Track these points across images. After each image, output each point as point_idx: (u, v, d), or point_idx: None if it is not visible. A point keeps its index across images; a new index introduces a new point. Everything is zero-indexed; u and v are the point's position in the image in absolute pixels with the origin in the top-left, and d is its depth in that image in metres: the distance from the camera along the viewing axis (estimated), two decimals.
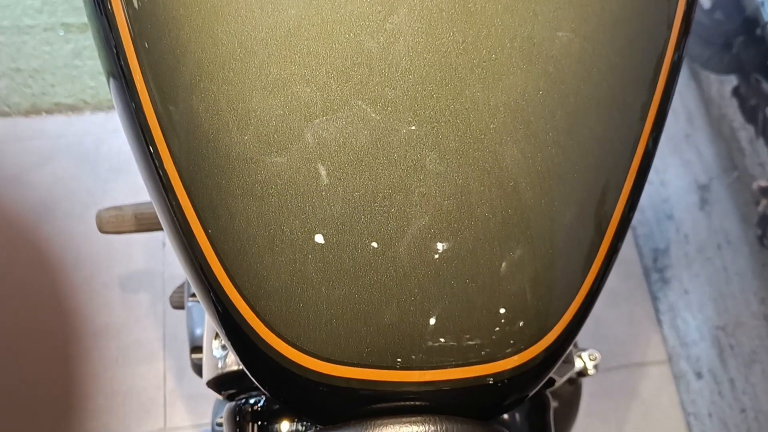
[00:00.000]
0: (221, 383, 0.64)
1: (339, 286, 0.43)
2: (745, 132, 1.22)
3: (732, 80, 1.25)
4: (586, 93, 0.44)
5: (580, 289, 0.46)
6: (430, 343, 0.44)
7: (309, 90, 0.42)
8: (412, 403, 0.46)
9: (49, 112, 1.75)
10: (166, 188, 0.45)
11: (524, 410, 0.63)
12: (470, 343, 0.44)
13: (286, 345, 0.44)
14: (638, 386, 1.47)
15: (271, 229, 0.43)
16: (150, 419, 1.42)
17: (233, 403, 0.64)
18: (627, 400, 1.45)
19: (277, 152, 0.43)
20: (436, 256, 0.43)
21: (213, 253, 0.44)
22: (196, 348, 0.87)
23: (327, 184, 0.42)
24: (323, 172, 0.42)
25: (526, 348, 0.45)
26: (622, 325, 1.52)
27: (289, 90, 0.42)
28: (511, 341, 0.45)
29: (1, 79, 1.77)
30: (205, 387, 1.42)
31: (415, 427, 0.45)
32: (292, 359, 0.44)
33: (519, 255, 0.44)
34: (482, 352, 0.44)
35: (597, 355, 0.87)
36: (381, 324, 0.43)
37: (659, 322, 1.52)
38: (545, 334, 0.45)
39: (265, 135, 0.43)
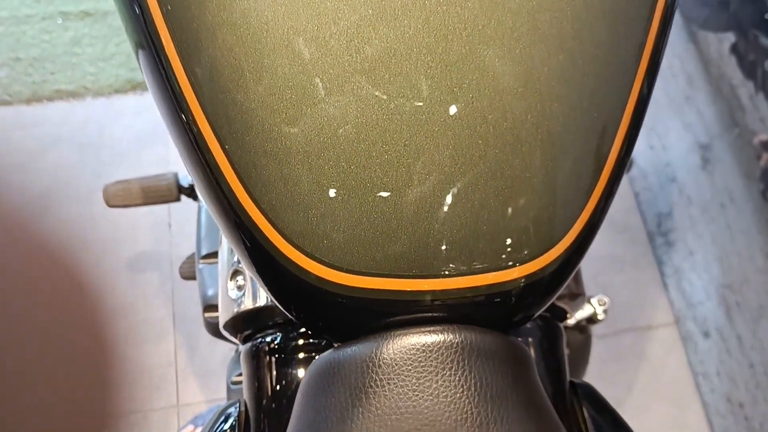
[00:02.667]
0: (238, 324, 0.65)
1: (356, 196, 0.44)
2: (744, 89, 1.23)
3: (730, 38, 1.25)
4: (584, 32, 0.45)
5: (590, 198, 0.47)
6: (447, 252, 0.44)
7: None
8: (429, 314, 0.46)
9: (50, 99, 1.76)
10: (182, 109, 0.46)
11: (539, 338, 0.63)
12: (486, 251, 0.45)
13: (305, 257, 0.45)
14: (646, 349, 1.48)
15: (287, 140, 0.43)
16: (162, 396, 1.43)
17: (250, 343, 0.65)
18: (635, 362, 1.46)
19: (289, 63, 0.43)
20: (451, 167, 0.44)
21: (230, 168, 0.45)
22: (209, 307, 0.88)
23: (340, 94, 0.43)
24: (338, 79, 0.43)
25: (541, 254, 0.46)
26: (629, 290, 1.53)
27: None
28: (526, 249, 0.45)
29: (2, 68, 1.78)
30: (217, 363, 1.43)
31: (433, 337, 0.46)
32: (311, 271, 0.45)
33: (530, 164, 0.44)
34: (497, 260, 0.45)
35: (606, 299, 0.87)
36: (398, 233, 0.44)
37: (665, 285, 1.52)
38: (560, 240, 0.46)
39: (279, 47, 0.43)
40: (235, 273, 0.63)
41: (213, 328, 0.89)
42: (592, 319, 0.88)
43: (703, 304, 1.40)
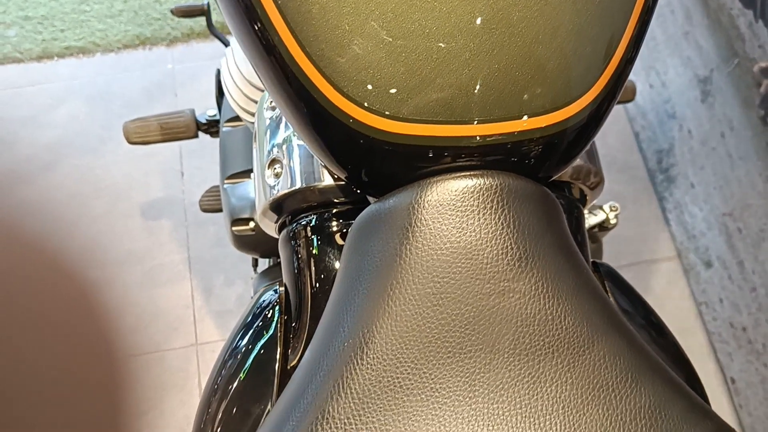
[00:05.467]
0: (275, 210, 0.68)
1: (401, 40, 0.47)
2: (743, 18, 1.27)
3: None
4: None
5: (617, 49, 0.50)
6: (485, 99, 0.48)
7: None
8: (467, 161, 0.50)
9: (60, 56, 1.78)
10: None
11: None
12: (521, 98, 0.48)
13: (350, 102, 0.48)
14: (649, 282, 1.52)
15: None
16: (180, 336, 1.47)
17: (286, 229, 0.69)
18: None
19: None
20: (490, 16, 0.47)
21: (280, 17, 0.47)
22: (237, 221, 0.91)
23: None
24: None
25: (574, 101, 0.49)
26: (631, 226, 1.56)
27: None
28: (559, 97, 0.49)
29: (12, 27, 1.81)
30: (233, 303, 1.46)
31: (473, 180, 0.49)
32: (356, 117, 0.48)
33: (562, 13, 0.48)
34: (533, 107, 0.48)
35: (617, 205, 0.91)
36: (439, 80, 0.47)
37: (666, 220, 1.57)
38: (590, 89, 0.50)
39: None
40: (273, 162, 0.66)
41: (241, 241, 0.93)
42: (604, 226, 0.92)
43: (704, 235, 1.45)
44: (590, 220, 0.90)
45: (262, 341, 0.65)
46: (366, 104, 0.48)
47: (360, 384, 0.46)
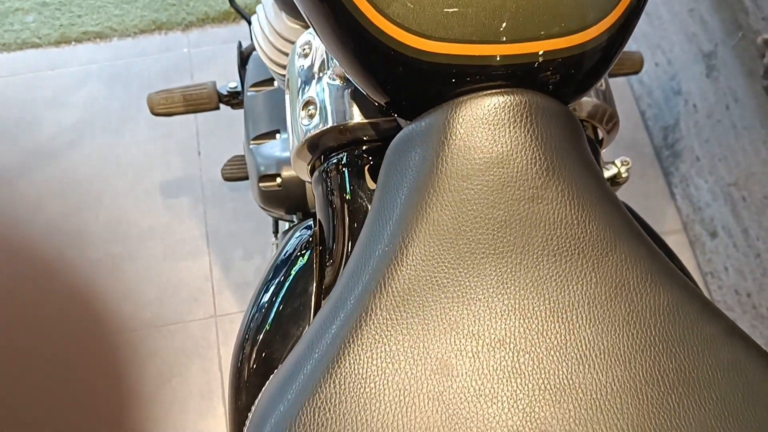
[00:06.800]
0: (309, 149, 0.72)
1: None
2: None
3: None
4: None
5: None
6: (513, 19, 0.52)
7: None
8: (495, 81, 0.54)
9: (78, 41, 1.83)
10: None
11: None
12: (547, 19, 0.52)
13: (389, 23, 0.52)
14: None
15: None
16: (200, 308, 1.51)
17: (318, 170, 0.73)
18: None
19: None
20: None
21: None
22: (264, 177, 0.95)
23: None
24: None
25: (595, 24, 0.53)
26: (637, 201, 1.60)
27: None
28: (582, 19, 0.53)
29: (30, 13, 1.85)
30: (251, 276, 1.50)
31: (504, 97, 0.53)
32: (396, 37, 0.52)
33: None
34: (559, 28, 0.52)
35: (628, 160, 0.95)
36: (473, 0, 0.51)
37: (672, 195, 1.61)
38: (611, 11, 0.53)
39: None
40: (307, 104, 0.70)
41: (267, 197, 0.97)
42: (616, 180, 0.96)
43: (709, 206, 1.49)
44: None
45: (298, 269, 0.69)
46: (405, 24, 0.52)
47: (401, 283, 0.50)
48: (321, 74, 0.71)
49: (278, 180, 0.95)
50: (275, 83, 1.06)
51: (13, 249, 1.56)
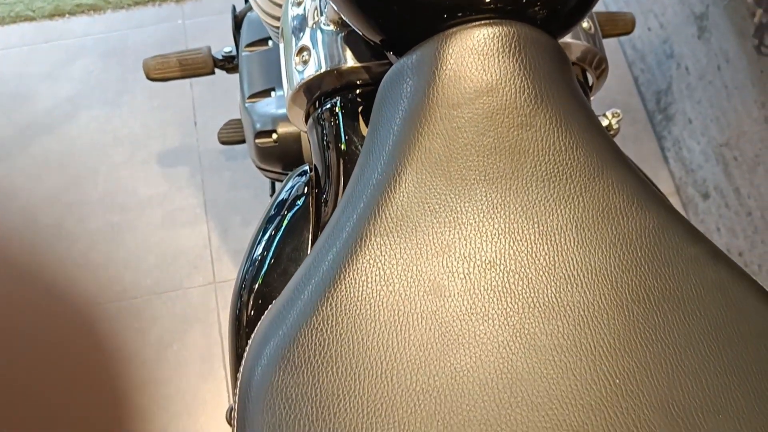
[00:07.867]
0: (304, 95, 0.73)
1: None
2: None
3: None
4: None
5: None
6: None
7: None
8: (483, 13, 0.55)
9: (72, 13, 1.83)
10: None
11: None
12: None
13: None
14: None
15: None
16: (199, 274, 1.52)
17: (312, 115, 0.74)
18: None
19: None
20: None
21: None
22: (261, 133, 0.97)
23: None
24: None
25: None
26: None
27: None
28: None
29: None
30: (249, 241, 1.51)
31: (492, 28, 0.54)
32: None
33: None
34: None
35: (619, 111, 0.96)
36: None
37: (665, 158, 1.62)
38: None
39: None
40: (301, 50, 0.72)
41: (264, 153, 0.98)
42: (607, 132, 0.97)
43: (701, 168, 1.50)
44: None
45: (294, 212, 0.71)
46: None
47: (395, 209, 0.52)
48: (314, 21, 0.72)
49: (274, 136, 0.96)
50: (270, 43, 1.07)
51: (13, 221, 1.58)
